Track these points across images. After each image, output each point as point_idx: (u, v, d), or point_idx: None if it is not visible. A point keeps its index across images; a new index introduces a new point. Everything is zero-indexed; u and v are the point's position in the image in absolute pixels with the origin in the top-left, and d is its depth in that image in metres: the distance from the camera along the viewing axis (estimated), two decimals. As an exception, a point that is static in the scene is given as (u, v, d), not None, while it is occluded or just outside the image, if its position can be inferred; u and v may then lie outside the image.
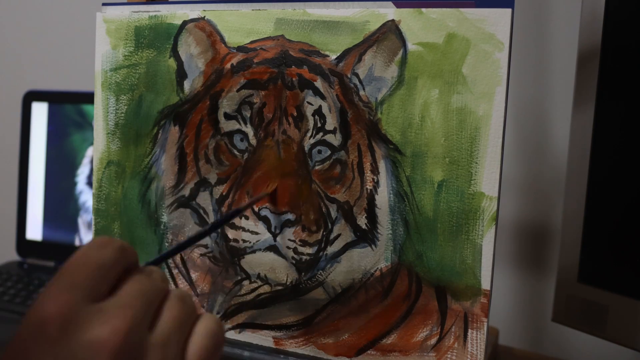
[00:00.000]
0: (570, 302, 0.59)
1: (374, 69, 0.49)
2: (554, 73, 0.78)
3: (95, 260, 0.31)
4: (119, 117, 0.58)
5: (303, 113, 0.51)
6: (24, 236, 1.00)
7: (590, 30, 0.57)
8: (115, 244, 0.32)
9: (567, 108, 0.61)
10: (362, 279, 0.50)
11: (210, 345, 0.33)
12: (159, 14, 0.56)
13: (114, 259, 0.32)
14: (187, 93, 0.55)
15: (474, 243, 0.47)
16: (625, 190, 0.56)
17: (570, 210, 0.59)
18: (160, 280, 0.33)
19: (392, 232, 0.49)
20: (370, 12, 0.49)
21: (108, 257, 0.31)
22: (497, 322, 0.78)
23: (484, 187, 0.46)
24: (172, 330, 0.32)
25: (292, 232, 0.51)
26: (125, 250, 0.33)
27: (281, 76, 0.51)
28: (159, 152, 0.56)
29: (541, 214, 0.81)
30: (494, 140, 0.46)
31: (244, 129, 0.52)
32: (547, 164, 0.80)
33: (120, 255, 0.32)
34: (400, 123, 0.48)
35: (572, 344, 0.79)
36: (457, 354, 0.48)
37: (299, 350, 0.52)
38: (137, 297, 0.31)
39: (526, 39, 0.79)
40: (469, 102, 0.46)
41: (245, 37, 0.53)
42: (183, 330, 0.32)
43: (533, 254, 0.82)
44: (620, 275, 0.56)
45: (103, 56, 0.58)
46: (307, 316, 0.52)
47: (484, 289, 0.47)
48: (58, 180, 0.98)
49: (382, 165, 0.49)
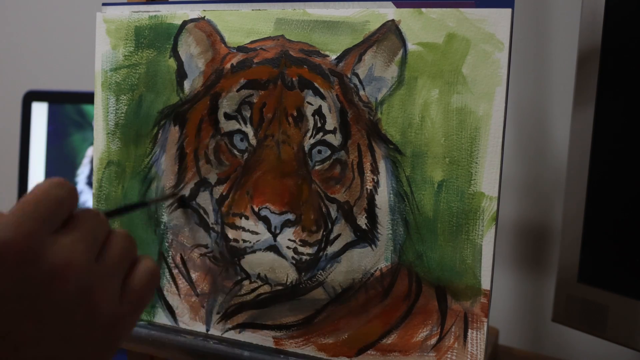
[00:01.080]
0: (570, 302, 0.59)
1: (374, 69, 0.49)
2: (554, 73, 0.78)
3: (54, 196, 0.34)
4: (119, 117, 0.58)
5: (303, 113, 0.51)
6: (24, 236, 1.00)
7: (590, 30, 0.57)
8: (69, 185, 0.35)
9: (567, 108, 0.61)
10: (362, 279, 0.50)
11: (149, 281, 0.37)
12: (159, 14, 0.56)
13: (69, 198, 0.35)
14: (187, 93, 0.55)
15: (474, 243, 0.47)
16: (625, 190, 0.56)
17: (570, 210, 0.59)
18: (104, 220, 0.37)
19: (392, 232, 0.49)
20: (370, 12, 0.49)
21: (64, 195, 0.34)
22: (497, 322, 0.78)
23: (484, 187, 0.46)
24: (115, 263, 0.36)
25: (292, 232, 0.51)
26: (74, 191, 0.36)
27: (281, 76, 0.51)
28: (159, 152, 0.56)
29: (541, 214, 0.81)
30: (494, 141, 0.46)
31: (244, 129, 0.52)
32: (547, 164, 0.80)
33: (73, 195, 0.35)
34: (400, 123, 0.48)
35: (572, 344, 0.79)
36: (457, 354, 0.48)
37: (298, 350, 0.52)
38: (86, 232, 0.35)
39: (526, 39, 0.79)
40: (469, 102, 0.46)
41: (245, 37, 0.53)
42: (124, 264, 0.37)
43: (533, 254, 0.82)
44: (620, 275, 0.56)
45: (103, 56, 0.58)
46: (307, 316, 0.52)
47: (484, 289, 0.47)
48: (58, 180, 0.98)
49: (382, 165, 0.49)
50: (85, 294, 0.33)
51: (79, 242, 0.34)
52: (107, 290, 0.35)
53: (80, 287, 0.33)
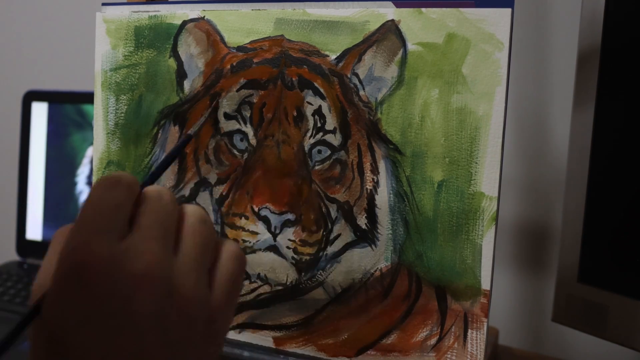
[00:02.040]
0: (570, 302, 0.59)
1: (373, 69, 0.49)
2: (554, 73, 0.78)
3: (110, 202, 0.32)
4: (119, 117, 0.58)
5: (303, 113, 0.51)
6: (24, 236, 1.00)
7: (590, 30, 0.56)
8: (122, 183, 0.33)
9: (567, 108, 0.61)
10: (362, 279, 0.50)
11: (237, 267, 0.34)
12: (158, 14, 0.56)
13: (126, 197, 0.32)
14: (187, 93, 0.55)
15: (474, 243, 0.47)
16: (625, 190, 0.56)
17: (570, 210, 0.59)
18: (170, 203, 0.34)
19: (392, 232, 0.49)
20: (370, 12, 0.49)
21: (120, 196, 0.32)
22: (497, 322, 0.78)
23: (484, 187, 0.46)
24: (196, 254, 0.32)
25: (292, 232, 0.51)
26: (131, 185, 0.33)
27: (281, 76, 0.51)
28: (159, 152, 0.56)
29: (541, 214, 0.81)
30: (494, 140, 0.46)
31: (243, 129, 0.52)
32: (547, 164, 0.79)
33: (129, 191, 0.33)
34: (400, 123, 0.48)
35: (572, 344, 0.79)
36: (457, 354, 0.48)
37: (298, 351, 0.52)
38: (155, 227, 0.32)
39: (526, 39, 0.79)
40: (469, 102, 0.46)
41: (245, 37, 0.53)
42: (206, 253, 0.33)
43: (533, 254, 0.82)
44: (620, 275, 0.56)
45: (103, 56, 0.58)
46: (307, 316, 0.52)
47: (484, 289, 0.47)
48: (58, 180, 0.98)
49: (382, 165, 0.49)
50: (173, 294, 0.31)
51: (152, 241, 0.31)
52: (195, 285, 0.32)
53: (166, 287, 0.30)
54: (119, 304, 0.29)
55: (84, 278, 0.29)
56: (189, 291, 0.31)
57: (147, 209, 0.33)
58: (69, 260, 0.30)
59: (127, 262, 0.30)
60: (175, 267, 0.31)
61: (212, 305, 0.33)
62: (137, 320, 0.30)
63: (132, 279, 0.30)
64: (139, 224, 0.32)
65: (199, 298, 0.32)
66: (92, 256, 0.30)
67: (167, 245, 0.32)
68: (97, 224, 0.31)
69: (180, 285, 0.31)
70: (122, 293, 0.30)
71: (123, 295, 0.30)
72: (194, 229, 0.33)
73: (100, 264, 0.30)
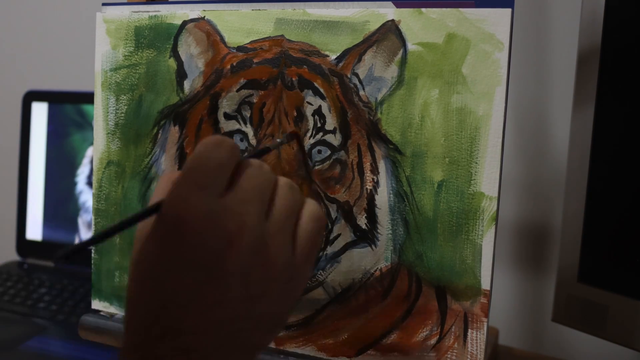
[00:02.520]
0: (570, 302, 0.59)
1: (373, 69, 0.49)
2: (554, 73, 0.78)
3: (215, 160, 0.33)
4: (119, 117, 0.58)
5: (303, 113, 0.51)
6: (24, 236, 1.00)
7: (590, 30, 0.56)
8: (227, 143, 0.34)
9: (567, 108, 0.61)
10: (362, 279, 0.50)
11: (316, 227, 0.36)
12: (159, 14, 0.56)
13: (229, 157, 0.34)
14: (187, 93, 0.55)
15: (473, 243, 0.47)
16: (625, 190, 0.56)
17: (570, 210, 0.59)
18: (269, 172, 0.36)
19: (392, 232, 0.49)
20: (370, 12, 0.49)
21: (224, 155, 0.34)
22: (497, 322, 0.78)
23: (483, 187, 0.46)
24: (285, 218, 0.35)
25: (292, 232, 0.51)
26: (234, 148, 0.35)
27: (281, 76, 0.51)
28: (159, 152, 0.56)
29: (541, 214, 0.81)
30: (493, 140, 0.46)
31: (243, 129, 0.52)
32: (547, 164, 0.79)
33: (233, 153, 0.34)
34: (400, 123, 0.48)
35: (572, 344, 0.79)
36: (457, 354, 0.48)
37: (299, 351, 0.52)
38: (254, 192, 0.34)
39: (526, 39, 0.79)
40: (468, 102, 0.46)
41: (245, 37, 0.53)
42: (292, 216, 0.36)
43: (533, 254, 0.82)
44: (620, 275, 0.56)
45: (103, 56, 0.58)
46: (307, 316, 0.52)
47: (484, 289, 0.47)
48: (58, 180, 0.98)
49: (382, 165, 0.49)
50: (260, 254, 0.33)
51: (249, 204, 0.33)
52: (280, 246, 0.34)
53: (255, 248, 0.33)
54: (210, 257, 0.32)
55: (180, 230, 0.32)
56: (275, 253, 0.34)
57: (248, 173, 0.35)
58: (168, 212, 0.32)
59: (223, 220, 0.32)
60: (265, 229, 0.34)
61: (292, 264, 0.35)
62: (224, 274, 0.32)
63: (226, 237, 0.32)
64: (240, 185, 0.34)
65: (283, 259, 0.34)
66: (190, 210, 0.32)
67: (262, 208, 0.34)
68: (199, 180, 0.33)
69: (268, 244, 0.34)
70: (214, 248, 0.32)
71: (214, 250, 0.32)
72: (285, 194, 0.36)
73: (197, 218, 0.32)
